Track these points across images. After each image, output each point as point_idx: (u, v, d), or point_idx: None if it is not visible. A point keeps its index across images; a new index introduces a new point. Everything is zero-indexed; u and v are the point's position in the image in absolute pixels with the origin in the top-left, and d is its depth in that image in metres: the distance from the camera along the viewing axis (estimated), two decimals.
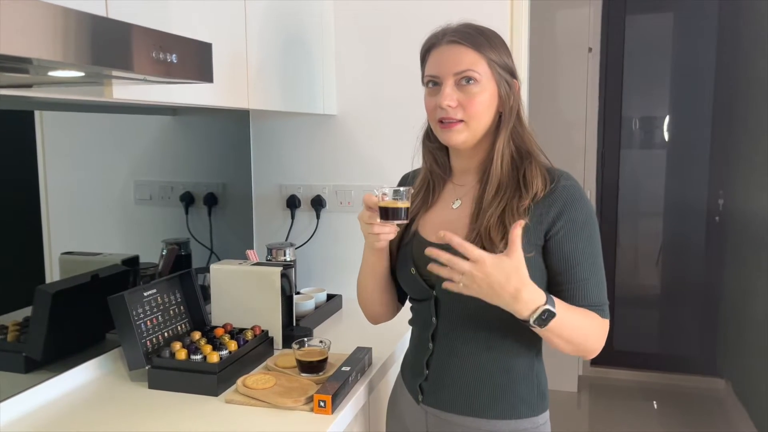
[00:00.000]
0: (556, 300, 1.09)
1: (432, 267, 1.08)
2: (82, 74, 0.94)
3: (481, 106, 1.17)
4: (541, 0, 3.27)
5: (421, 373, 1.28)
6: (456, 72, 1.16)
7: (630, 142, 4.03)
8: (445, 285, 1.07)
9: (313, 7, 2.02)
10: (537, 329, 1.07)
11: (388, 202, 1.15)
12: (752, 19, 3.38)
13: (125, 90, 1.17)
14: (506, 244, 1.10)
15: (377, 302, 1.37)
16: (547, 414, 1.25)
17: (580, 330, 1.12)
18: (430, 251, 1.07)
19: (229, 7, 1.55)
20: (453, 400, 1.23)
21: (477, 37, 1.18)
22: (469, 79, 1.16)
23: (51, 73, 0.93)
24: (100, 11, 1.04)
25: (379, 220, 1.17)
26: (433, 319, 1.24)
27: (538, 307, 1.05)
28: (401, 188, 1.17)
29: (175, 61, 0.97)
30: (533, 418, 1.21)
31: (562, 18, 3.66)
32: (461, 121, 1.17)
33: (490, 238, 1.13)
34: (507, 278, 1.02)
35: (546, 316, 1.05)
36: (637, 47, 3.90)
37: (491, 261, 1.02)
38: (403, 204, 1.16)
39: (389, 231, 1.19)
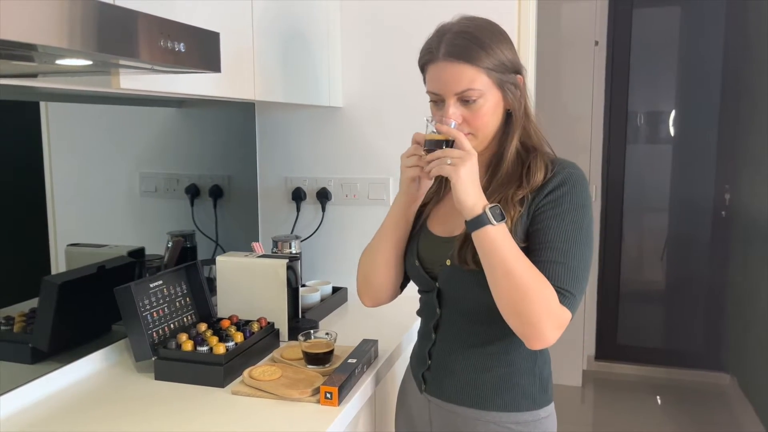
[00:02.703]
0: None
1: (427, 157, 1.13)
2: (90, 63, 0.94)
3: (486, 117, 1.18)
4: None
5: (425, 362, 1.30)
6: (457, 92, 1.16)
7: (636, 136, 4.01)
8: (430, 166, 1.12)
9: None
10: (485, 237, 1.08)
11: (434, 135, 1.14)
12: (760, 13, 3.35)
13: (132, 80, 1.17)
14: None
15: (383, 273, 1.31)
16: (550, 407, 1.24)
17: (525, 272, 1.07)
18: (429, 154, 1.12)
19: None
20: (454, 390, 1.24)
21: (472, 49, 1.15)
22: (471, 96, 1.15)
23: (58, 62, 0.93)
24: None
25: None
26: (437, 310, 1.26)
27: (485, 204, 1.09)
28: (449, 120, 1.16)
29: (182, 50, 0.96)
30: (535, 411, 1.21)
31: (569, 11, 3.64)
32: (469, 133, 1.17)
33: None
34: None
35: (499, 210, 1.09)
36: (643, 41, 3.87)
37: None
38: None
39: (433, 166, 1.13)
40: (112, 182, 1.67)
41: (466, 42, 1.16)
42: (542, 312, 1.07)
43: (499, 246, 1.07)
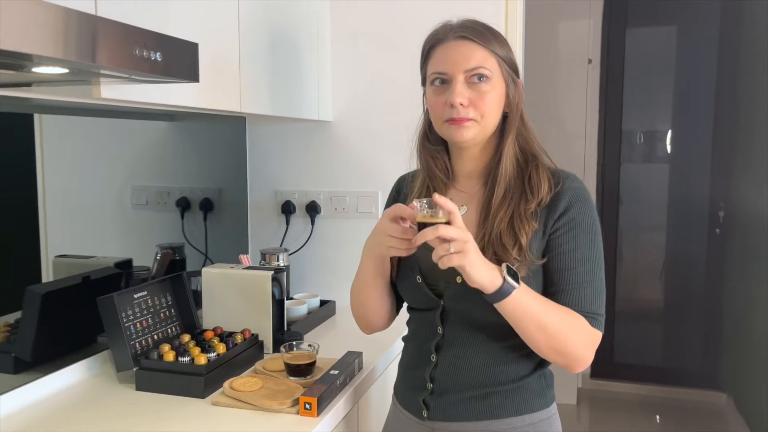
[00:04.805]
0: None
1: (422, 235, 1.00)
2: (66, 71, 0.95)
3: (492, 105, 1.14)
4: (541, 11, 3.29)
5: (424, 387, 1.22)
6: (467, 69, 1.12)
7: (631, 155, 4.01)
8: (436, 258, 1.00)
9: (309, 13, 2.03)
10: (511, 304, 1.04)
11: (428, 218, 1.02)
12: (753, 32, 3.38)
13: (113, 89, 1.18)
14: (519, 249, 1.10)
15: (376, 310, 1.28)
16: (555, 405, 1.23)
17: (557, 320, 1.08)
18: (423, 234, 1.00)
19: (221, 10, 1.56)
20: (463, 408, 1.18)
21: (485, 33, 1.14)
22: (480, 76, 1.12)
23: (35, 70, 0.94)
24: (89, 10, 1.05)
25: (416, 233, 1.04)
26: (439, 329, 1.20)
27: (500, 268, 1.04)
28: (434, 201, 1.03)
29: (159, 60, 0.97)
30: (546, 409, 1.20)
31: (563, 30, 3.68)
32: (472, 119, 1.13)
33: (502, 244, 1.11)
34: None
35: (513, 274, 1.04)
36: (638, 60, 3.89)
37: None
38: (443, 220, 1.01)
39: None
40: (104, 195, 1.68)
41: (478, 27, 1.16)
42: (582, 345, 1.11)
43: (528, 306, 1.05)
